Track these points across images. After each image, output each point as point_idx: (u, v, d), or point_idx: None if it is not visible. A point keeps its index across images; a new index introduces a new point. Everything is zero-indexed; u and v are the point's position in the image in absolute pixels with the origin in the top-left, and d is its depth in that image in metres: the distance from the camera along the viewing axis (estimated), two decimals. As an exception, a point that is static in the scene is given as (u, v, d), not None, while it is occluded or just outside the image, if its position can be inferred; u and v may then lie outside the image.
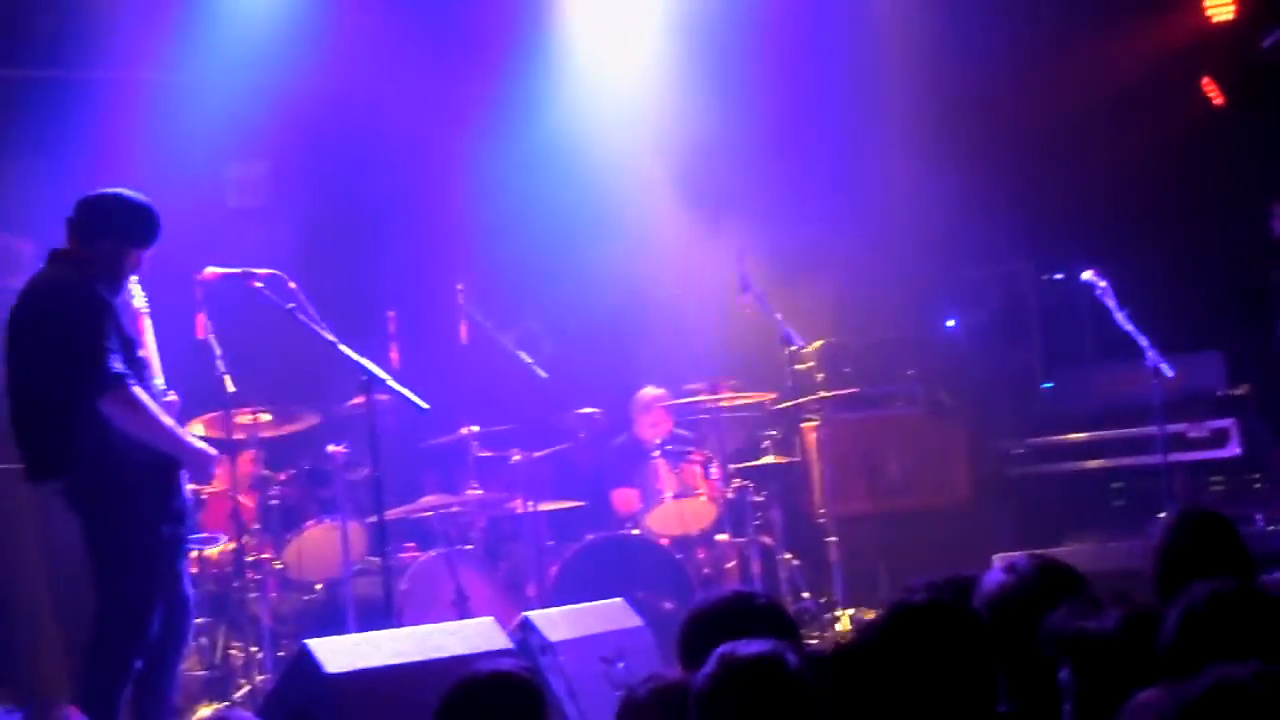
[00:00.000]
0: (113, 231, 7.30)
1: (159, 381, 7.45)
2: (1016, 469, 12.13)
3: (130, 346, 7.24)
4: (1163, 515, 9.62)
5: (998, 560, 8.65)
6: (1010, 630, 3.95)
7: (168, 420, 7.28)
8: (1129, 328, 9.60)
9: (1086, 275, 9.81)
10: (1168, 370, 9.64)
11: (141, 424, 7.11)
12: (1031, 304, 12.73)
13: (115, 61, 11.18)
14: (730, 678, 3.70)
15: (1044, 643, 3.71)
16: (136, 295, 7.55)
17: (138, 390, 7.11)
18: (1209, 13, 12.30)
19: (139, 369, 7.25)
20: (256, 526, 9.97)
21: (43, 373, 7.10)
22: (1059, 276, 12.03)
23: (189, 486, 7.49)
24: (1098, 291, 9.72)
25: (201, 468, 7.42)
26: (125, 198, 7.41)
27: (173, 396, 7.59)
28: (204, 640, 9.78)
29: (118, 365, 7.04)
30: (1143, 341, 9.61)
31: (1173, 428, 10.42)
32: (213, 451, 7.53)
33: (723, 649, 3.76)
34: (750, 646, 3.74)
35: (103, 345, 7.02)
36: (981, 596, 4.20)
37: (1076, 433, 11.94)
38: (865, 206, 12.14)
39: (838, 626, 10.73)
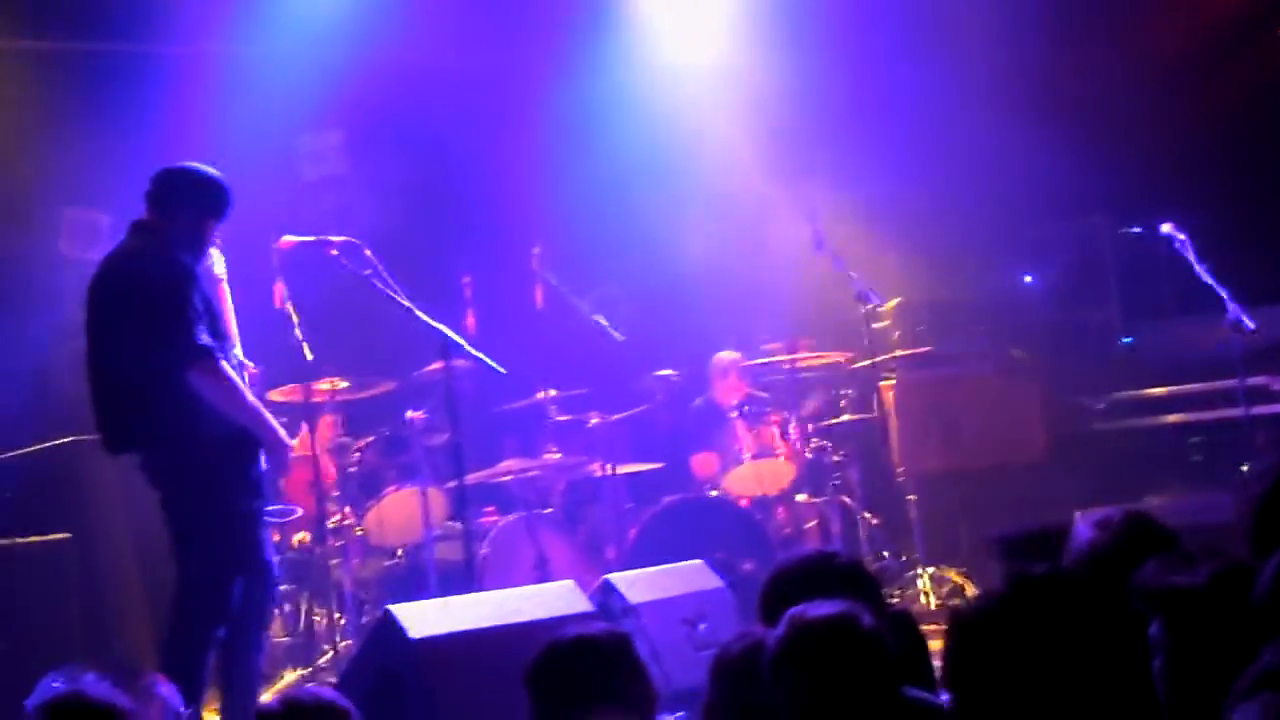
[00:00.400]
0: (191, 202, 7.35)
1: (238, 351, 7.49)
2: (1095, 424, 12.03)
3: (214, 317, 7.28)
4: (1247, 468, 9.63)
5: (1079, 516, 8.62)
6: (1100, 585, 3.91)
7: (252, 398, 7.33)
8: (1209, 280, 9.49)
9: (1165, 228, 9.69)
10: (1248, 323, 9.51)
11: (227, 398, 7.15)
12: (1109, 258, 12.60)
13: (189, 35, 11.23)
14: (800, 640, 3.68)
15: (1134, 597, 3.67)
16: (217, 262, 7.59)
17: (225, 365, 7.16)
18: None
19: (222, 340, 7.29)
20: (336, 493, 10.03)
21: (127, 344, 7.13)
22: (1137, 230, 11.90)
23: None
24: (1177, 244, 9.60)
25: (279, 451, 7.44)
26: (200, 170, 7.46)
27: (251, 367, 7.63)
28: (288, 607, 9.86)
29: (205, 337, 7.08)
30: (1223, 294, 9.49)
31: (1253, 381, 10.29)
32: (291, 442, 7.57)
33: (793, 611, 3.74)
34: (821, 608, 3.72)
35: (189, 317, 7.05)
36: (1071, 552, 4.16)
37: (1155, 387, 11.83)
38: (940, 162, 12.04)
39: (919, 585, 10.71)
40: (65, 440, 9.75)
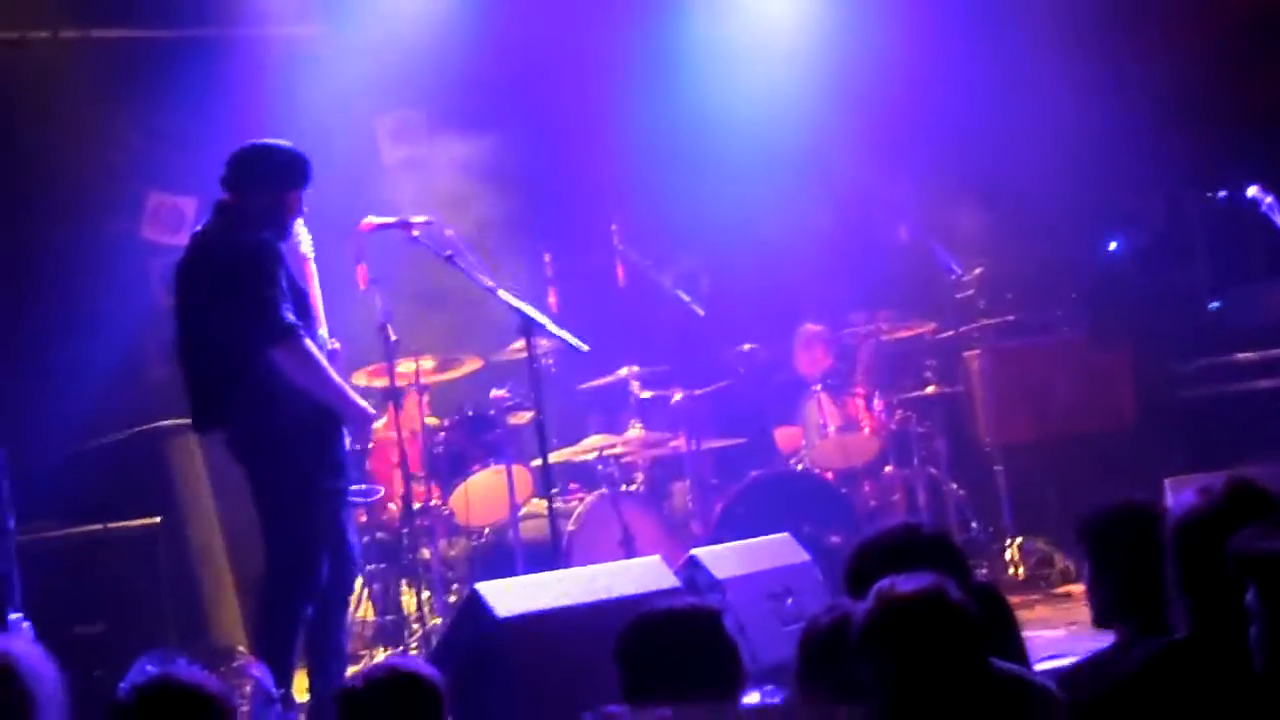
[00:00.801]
0: (268, 180, 7.40)
1: (323, 331, 7.53)
2: (1185, 391, 11.90)
3: (300, 296, 7.33)
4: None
5: (1169, 484, 8.55)
6: (1199, 553, 3.87)
7: (335, 376, 7.37)
8: (1297, 242, 9.39)
9: (1252, 190, 9.58)
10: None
11: (311, 377, 7.20)
12: (1195, 222, 12.45)
13: (270, 18, 11.30)
14: (888, 614, 3.66)
15: (1230, 563, 3.62)
16: (304, 240, 7.62)
17: (309, 343, 7.20)
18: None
19: (308, 319, 7.33)
20: (423, 473, 10.07)
21: (214, 324, 7.20)
22: (1223, 194, 11.76)
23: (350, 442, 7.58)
24: (1264, 207, 9.49)
25: (361, 426, 7.50)
26: (271, 145, 7.51)
27: (335, 344, 7.67)
28: (376, 587, 9.91)
29: (290, 315, 7.12)
30: (1313, 256, 9.40)
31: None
32: (373, 412, 7.61)
33: (881, 584, 3.72)
34: (909, 582, 3.70)
35: (274, 295, 7.10)
36: (1172, 519, 4.11)
37: (1246, 352, 11.70)
38: (1023, 129, 11.93)
39: (1007, 555, 10.66)
40: (156, 425, 9.84)
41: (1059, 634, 8.16)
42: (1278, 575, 3.51)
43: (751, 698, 6.65)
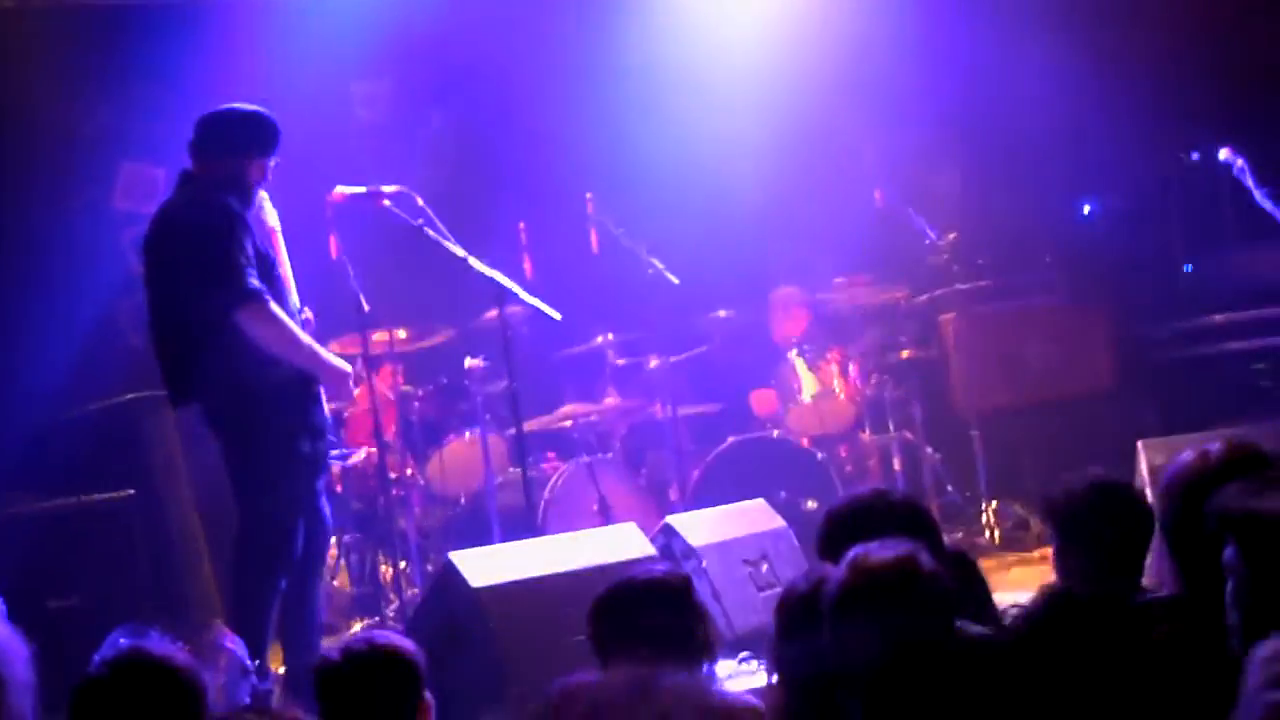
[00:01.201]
0: (234, 146, 7.35)
1: (294, 299, 7.50)
2: (1159, 354, 11.92)
3: (266, 263, 7.28)
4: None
5: (1142, 446, 8.57)
6: (1189, 512, 3.88)
7: (305, 337, 7.34)
8: (1269, 205, 9.38)
9: (1223, 154, 9.59)
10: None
11: (279, 339, 7.16)
12: (1169, 185, 12.46)
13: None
14: (862, 582, 3.66)
15: (1210, 519, 3.63)
16: (269, 213, 7.57)
17: (274, 306, 7.16)
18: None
19: (276, 286, 7.29)
20: (398, 442, 10.06)
21: (180, 293, 7.16)
22: (1195, 156, 11.76)
23: (329, 405, 7.55)
24: (1235, 169, 9.50)
25: (339, 383, 7.47)
26: (239, 110, 7.47)
27: (308, 314, 7.65)
28: (353, 557, 9.91)
29: (254, 281, 7.08)
30: (1282, 219, 9.40)
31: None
32: (348, 367, 7.58)
33: (854, 553, 3.72)
34: (882, 549, 3.70)
35: (237, 260, 7.06)
36: (1167, 477, 4.13)
37: (1219, 314, 11.72)
38: (996, 92, 11.93)
39: (983, 519, 10.68)
40: (130, 397, 9.81)
41: (1033, 597, 8.15)
42: (1258, 533, 3.52)
43: (727, 664, 6.70)
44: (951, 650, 3.66)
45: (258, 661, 6.96)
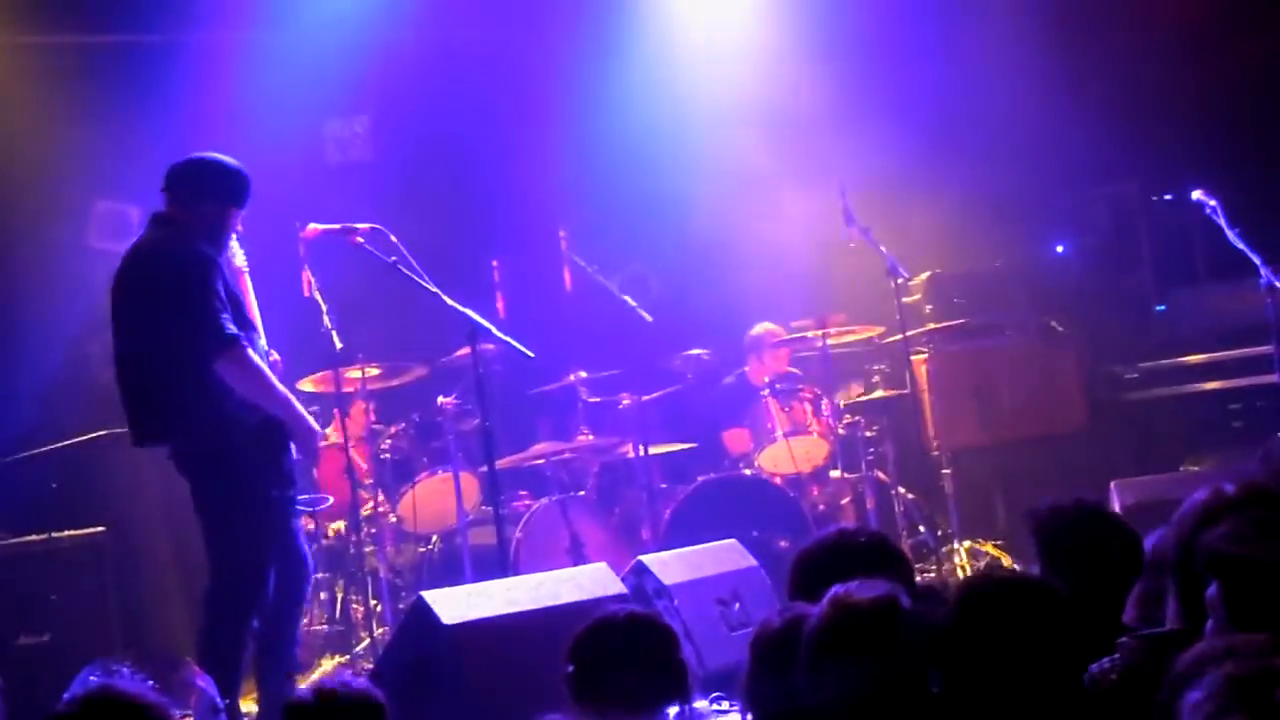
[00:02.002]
0: (211, 194, 7.34)
1: (263, 342, 7.48)
2: (1132, 393, 11.96)
3: (238, 306, 7.28)
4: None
5: (1115, 486, 8.59)
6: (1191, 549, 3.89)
7: (280, 386, 7.33)
8: (1241, 246, 9.43)
9: (1196, 194, 9.64)
10: (1282, 288, 9.46)
11: (256, 386, 7.15)
12: (1141, 225, 12.50)
13: (212, 22, 11.24)
14: (842, 622, 3.66)
15: (1197, 558, 3.65)
16: (237, 254, 7.56)
17: (252, 353, 7.15)
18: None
19: (247, 329, 7.28)
20: (370, 480, 10.03)
21: (153, 336, 7.13)
22: (1168, 197, 11.81)
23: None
24: (1208, 210, 9.55)
25: (308, 439, 7.43)
26: (219, 160, 7.46)
27: (275, 356, 7.63)
28: (324, 595, 9.88)
29: (231, 326, 7.07)
30: (1256, 259, 9.43)
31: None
32: (318, 428, 7.57)
33: (836, 591, 3.72)
34: (864, 590, 3.71)
35: (214, 306, 7.05)
36: (1179, 513, 4.13)
37: (1192, 354, 11.76)
38: (968, 132, 11.98)
39: (955, 559, 10.68)
40: (100, 434, 9.78)
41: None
42: (1242, 577, 3.54)
43: (699, 703, 6.68)
44: (928, 690, 3.66)
45: (228, 701, 6.94)
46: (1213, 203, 9.52)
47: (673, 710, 4.68)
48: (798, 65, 11.80)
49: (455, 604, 6.63)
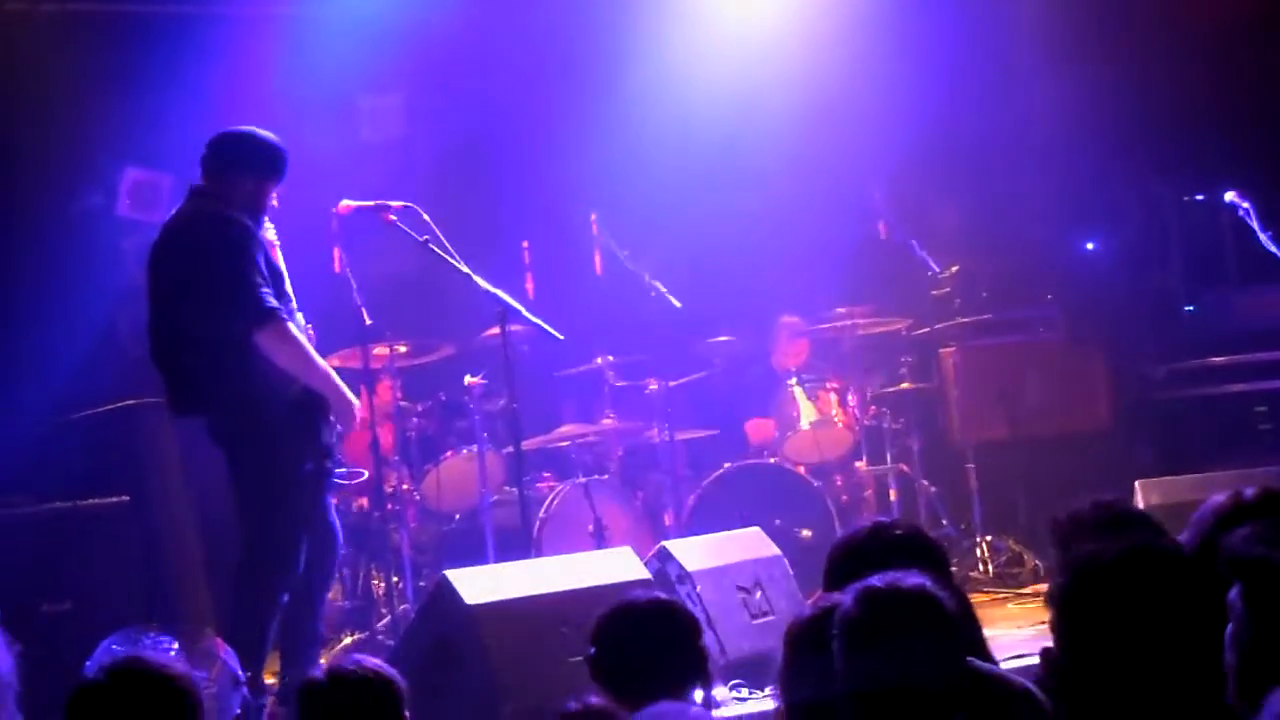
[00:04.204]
0: (250, 167, 7.35)
1: (299, 316, 7.49)
2: (1158, 394, 11.91)
3: (278, 279, 7.30)
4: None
5: (1140, 486, 8.57)
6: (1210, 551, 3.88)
7: (320, 360, 7.35)
8: (1273, 249, 9.39)
9: (1229, 196, 9.60)
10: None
11: (296, 359, 7.17)
12: (1173, 225, 12.46)
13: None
14: (876, 609, 3.67)
15: (1220, 561, 3.64)
16: (267, 227, 7.57)
17: (292, 326, 7.17)
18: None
19: (286, 303, 7.29)
20: (395, 457, 10.04)
21: (193, 308, 7.15)
22: (1200, 197, 11.77)
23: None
24: (1241, 212, 9.51)
25: (347, 412, 7.45)
26: (256, 134, 7.47)
27: (309, 330, 7.64)
28: (345, 571, 9.89)
29: (271, 299, 7.09)
30: (1286, 263, 9.41)
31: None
32: (357, 402, 7.59)
33: (870, 581, 3.73)
34: (910, 578, 3.72)
35: (254, 278, 7.07)
36: (1198, 515, 4.12)
37: (1219, 356, 11.71)
38: (1002, 127, 11.95)
39: (976, 553, 10.67)
40: (128, 403, 9.80)
41: (1027, 633, 8.16)
42: (1265, 578, 3.53)
43: (720, 690, 6.69)
44: (961, 683, 3.68)
45: (249, 673, 6.96)
46: (1246, 205, 9.48)
47: (699, 694, 4.70)
48: (831, 54, 11.75)
49: (478, 584, 6.65)
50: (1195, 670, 3.57)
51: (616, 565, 7.15)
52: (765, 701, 6.67)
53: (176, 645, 6.81)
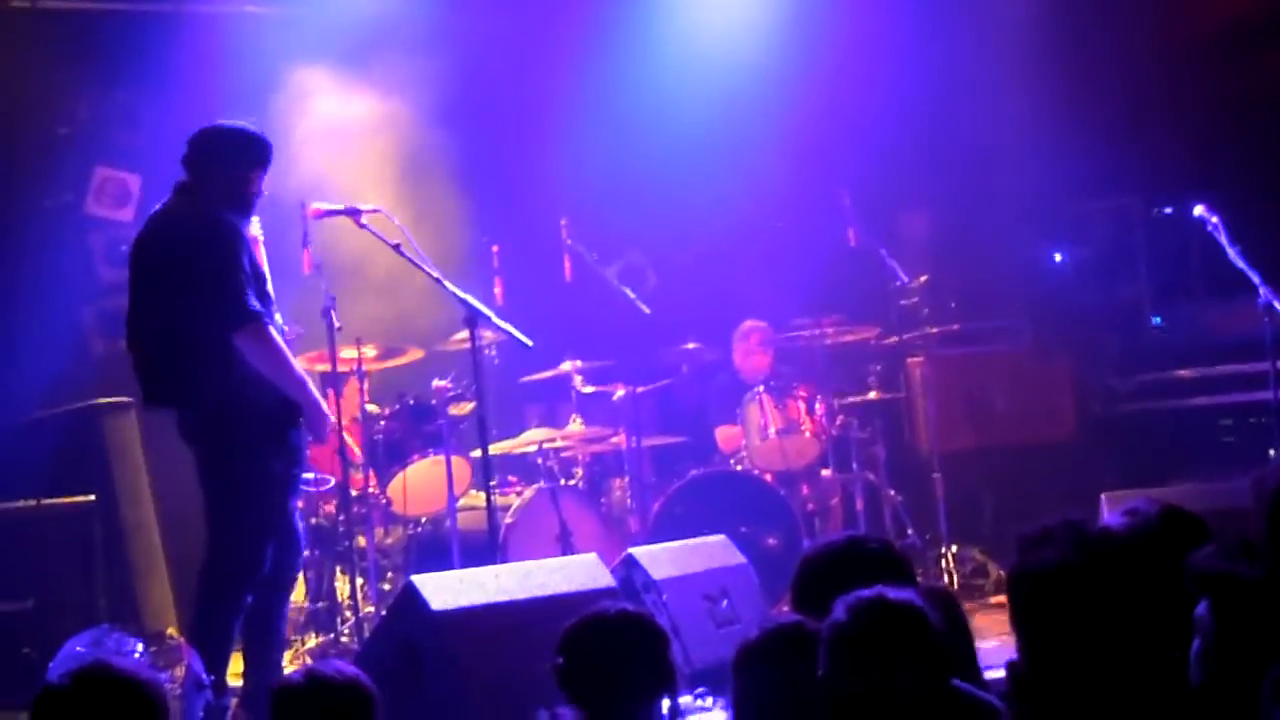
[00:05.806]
0: (230, 159, 7.35)
1: (278, 316, 7.49)
2: (1124, 406, 11.97)
3: (260, 280, 7.30)
4: (1275, 453, 9.57)
5: (1105, 499, 8.59)
6: (1126, 574, 3.90)
7: (298, 366, 7.35)
8: (1240, 264, 9.42)
9: (1198, 210, 9.61)
10: (1280, 307, 9.46)
11: (274, 364, 7.18)
12: (1140, 238, 12.49)
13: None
14: (881, 621, 3.71)
15: (1185, 578, 3.67)
16: (252, 223, 7.57)
17: (272, 330, 7.17)
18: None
19: (267, 304, 7.29)
20: (361, 460, 10.01)
21: (173, 303, 7.15)
22: (1169, 211, 11.82)
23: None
24: (1209, 227, 9.53)
25: (319, 422, 7.43)
26: (233, 126, 7.50)
27: (288, 330, 7.64)
28: (310, 573, 9.86)
29: (254, 302, 7.09)
30: (1254, 278, 9.42)
31: (1284, 365, 10.22)
32: (331, 415, 7.58)
33: (868, 593, 3.76)
34: (898, 593, 3.76)
35: (238, 279, 7.08)
36: (1102, 540, 4.15)
37: (1184, 369, 11.76)
38: (971, 138, 11.97)
39: (942, 563, 10.69)
40: (94, 402, 9.77)
41: (990, 644, 8.15)
42: (1235, 596, 3.56)
43: (684, 699, 6.69)
44: (941, 701, 3.70)
45: (214, 676, 6.94)
46: (1214, 219, 9.50)
47: (665, 704, 4.71)
48: (800, 64, 11.75)
49: (444, 590, 6.64)
50: (1154, 670, 3.60)
51: (582, 572, 7.15)
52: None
53: (141, 647, 6.77)
